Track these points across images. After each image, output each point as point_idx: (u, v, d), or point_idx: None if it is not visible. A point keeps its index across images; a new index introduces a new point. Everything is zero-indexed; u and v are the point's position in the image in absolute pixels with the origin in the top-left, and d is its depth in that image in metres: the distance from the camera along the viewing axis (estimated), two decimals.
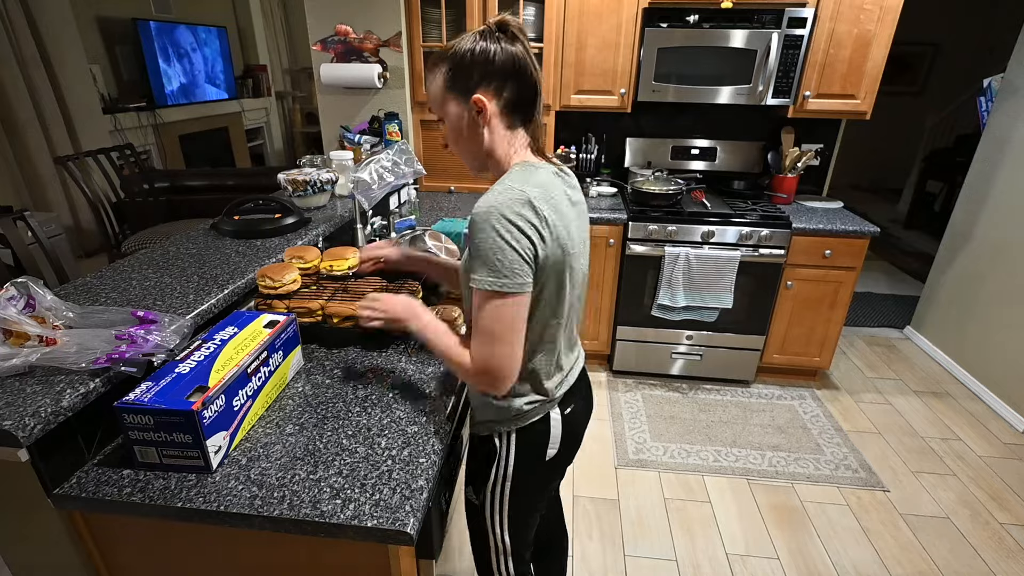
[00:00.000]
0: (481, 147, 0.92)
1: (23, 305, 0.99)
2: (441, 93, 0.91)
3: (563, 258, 0.87)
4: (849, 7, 2.27)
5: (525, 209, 0.81)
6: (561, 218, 0.86)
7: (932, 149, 5.19)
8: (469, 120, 0.90)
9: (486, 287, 0.81)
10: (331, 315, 1.25)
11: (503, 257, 0.80)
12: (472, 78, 0.87)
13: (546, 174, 0.90)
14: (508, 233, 0.80)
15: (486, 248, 0.80)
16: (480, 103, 0.87)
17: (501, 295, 0.81)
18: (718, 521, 1.95)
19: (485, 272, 0.81)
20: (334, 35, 2.40)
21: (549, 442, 1.01)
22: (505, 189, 0.82)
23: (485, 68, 0.86)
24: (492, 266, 0.80)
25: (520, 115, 0.91)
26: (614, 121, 2.85)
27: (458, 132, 0.92)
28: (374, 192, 1.66)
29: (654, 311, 2.53)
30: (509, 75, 0.87)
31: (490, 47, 0.86)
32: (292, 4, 6.47)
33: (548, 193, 0.85)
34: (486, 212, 0.80)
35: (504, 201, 0.80)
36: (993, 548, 1.86)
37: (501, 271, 0.80)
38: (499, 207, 0.80)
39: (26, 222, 2.12)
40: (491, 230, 0.80)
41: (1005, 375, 2.55)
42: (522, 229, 0.80)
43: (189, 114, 5.12)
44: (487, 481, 1.04)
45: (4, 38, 3.45)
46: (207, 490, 0.85)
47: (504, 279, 0.81)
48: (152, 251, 1.51)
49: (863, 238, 2.37)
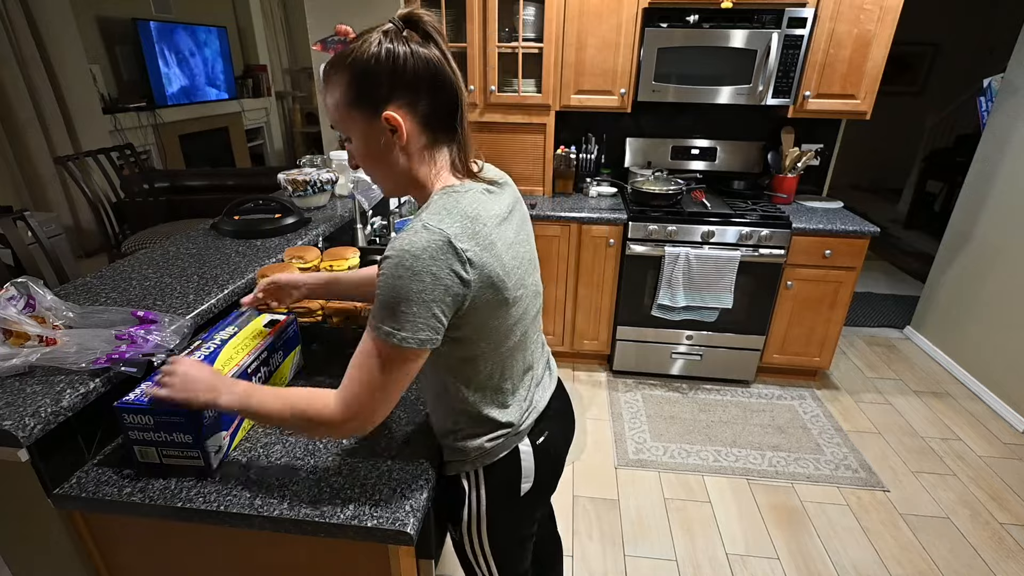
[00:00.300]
0: (398, 171, 0.79)
1: (23, 305, 0.99)
2: (343, 110, 0.75)
3: (495, 296, 0.76)
4: (849, 7, 2.27)
5: (443, 254, 0.69)
6: (490, 251, 0.74)
7: (932, 149, 5.19)
8: (381, 141, 0.76)
9: (382, 336, 0.71)
10: (331, 315, 1.25)
11: (407, 309, 0.69)
12: (380, 90, 0.73)
13: (472, 198, 0.77)
14: (419, 283, 0.69)
15: (391, 295, 0.69)
16: (394, 121, 0.74)
17: (395, 348, 0.71)
18: (718, 521, 1.95)
19: (386, 319, 0.70)
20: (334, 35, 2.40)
21: (522, 477, 0.92)
22: (421, 229, 0.70)
23: (394, 78, 0.72)
24: (394, 315, 0.70)
25: (441, 129, 0.78)
26: (614, 121, 2.85)
27: (370, 154, 0.78)
28: (374, 192, 1.66)
29: (654, 311, 2.53)
30: (424, 84, 0.73)
31: (398, 50, 0.72)
32: (292, 4, 6.47)
33: (473, 226, 0.73)
34: (397, 257, 0.69)
35: (419, 244, 0.69)
36: (993, 548, 1.86)
37: (403, 323, 0.70)
38: (412, 251, 0.68)
39: (26, 222, 2.12)
40: (400, 278, 0.68)
41: (1005, 375, 2.55)
42: (438, 278, 0.69)
43: (189, 114, 5.12)
44: (460, 521, 0.95)
45: (4, 38, 3.45)
46: (207, 490, 0.85)
47: (404, 333, 0.70)
48: (152, 251, 1.51)
49: (863, 238, 2.37)
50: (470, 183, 0.81)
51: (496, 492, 0.92)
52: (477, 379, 0.84)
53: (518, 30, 2.43)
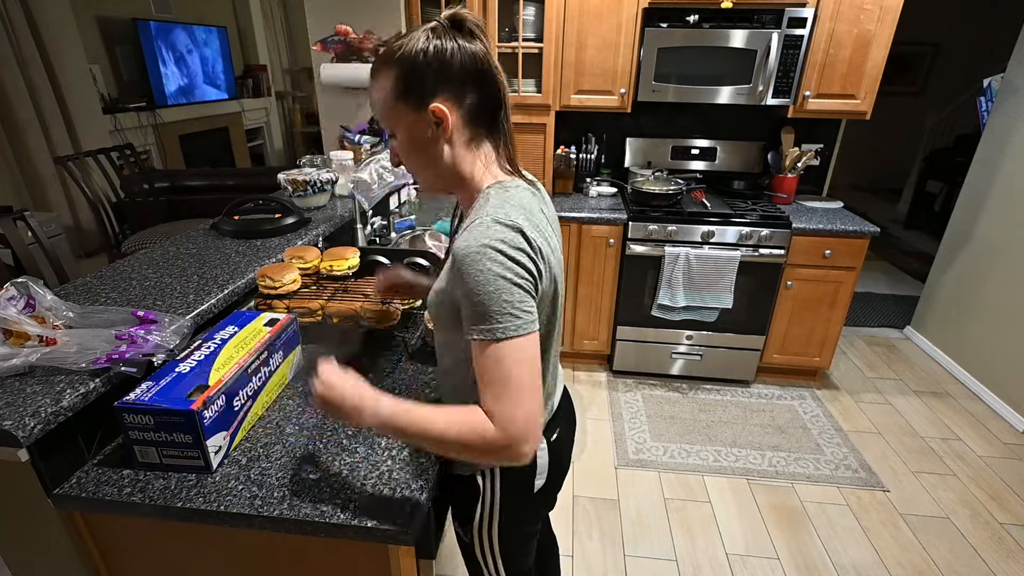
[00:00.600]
0: (442, 165, 0.80)
1: (23, 305, 0.99)
2: (390, 103, 0.77)
3: (554, 289, 0.79)
4: (849, 7, 2.27)
5: (521, 243, 0.71)
6: (549, 244, 0.77)
7: (932, 149, 5.19)
8: (427, 134, 0.77)
9: (503, 335, 0.69)
10: (331, 315, 1.25)
11: (510, 297, 0.69)
12: (427, 84, 0.74)
13: (524, 194, 0.79)
14: (510, 271, 0.69)
15: (489, 291, 0.68)
16: (440, 112, 0.75)
17: (518, 338, 0.69)
18: (718, 521, 1.95)
19: (496, 319, 0.69)
20: (334, 35, 2.40)
21: (536, 474, 0.92)
22: (493, 222, 0.71)
23: (442, 71, 0.74)
24: (500, 309, 0.69)
25: (485, 125, 0.80)
26: (614, 121, 2.85)
27: (414, 148, 0.79)
28: (374, 192, 1.66)
29: (654, 311, 2.53)
30: (470, 79, 0.75)
31: (446, 46, 0.73)
32: (292, 4, 6.47)
33: (534, 219, 0.76)
34: (479, 251, 0.68)
35: (497, 236, 0.69)
36: (993, 548, 1.86)
37: (514, 312, 0.69)
38: (493, 243, 0.69)
39: (26, 222, 2.12)
40: (490, 271, 0.68)
41: (1005, 375, 2.55)
42: (523, 264, 0.70)
43: (189, 114, 5.12)
44: (472, 520, 0.95)
45: (4, 38, 3.45)
46: (207, 490, 0.85)
47: (519, 320, 0.69)
48: (152, 251, 1.51)
49: (863, 238, 2.37)
50: (519, 180, 0.83)
51: (511, 490, 0.92)
52: None
53: (518, 30, 2.43)
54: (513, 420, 0.69)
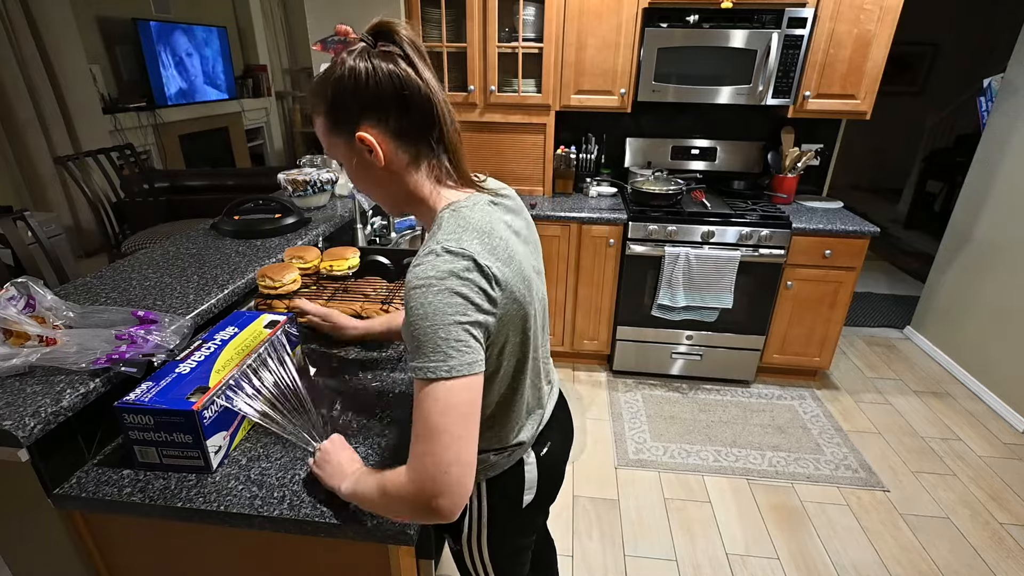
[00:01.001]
0: (390, 189, 0.77)
1: (23, 305, 0.99)
2: (325, 135, 0.75)
3: (520, 311, 0.74)
4: (849, 7, 2.27)
5: (469, 273, 0.66)
6: (511, 265, 0.72)
7: (932, 149, 5.19)
8: (362, 162, 0.74)
9: (430, 375, 0.64)
10: None
11: (447, 335, 0.64)
12: (351, 112, 0.71)
13: (481, 211, 0.75)
14: (450, 307, 0.65)
15: (425, 328, 0.64)
16: (367, 141, 0.71)
17: (447, 380, 0.65)
18: (718, 521, 1.95)
19: (428, 356, 0.65)
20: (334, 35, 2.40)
21: (524, 489, 0.90)
22: (441, 252, 0.67)
23: (359, 96, 0.70)
24: (435, 347, 0.64)
25: (423, 143, 0.74)
26: (614, 121, 2.85)
27: (359, 175, 0.77)
28: None
29: (654, 311, 2.53)
30: (392, 102, 0.70)
31: (359, 67, 0.69)
32: (292, 4, 6.47)
33: (491, 241, 0.71)
34: (423, 286, 0.65)
35: (442, 269, 0.65)
36: (993, 548, 1.86)
37: (447, 352, 0.64)
38: (437, 278, 0.65)
39: (26, 222, 2.12)
40: (431, 305, 0.64)
41: (1005, 375, 2.55)
42: (468, 298, 0.66)
43: (189, 114, 5.12)
44: (461, 532, 0.94)
45: (4, 38, 3.45)
46: (207, 490, 0.85)
47: (452, 361, 0.64)
48: (152, 251, 1.51)
49: (863, 238, 2.37)
50: (475, 195, 0.78)
51: (498, 504, 0.91)
52: (490, 397, 0.81)
53: (518, 30, 2.43)
54: (422, 469, 0.65)
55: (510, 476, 0.90)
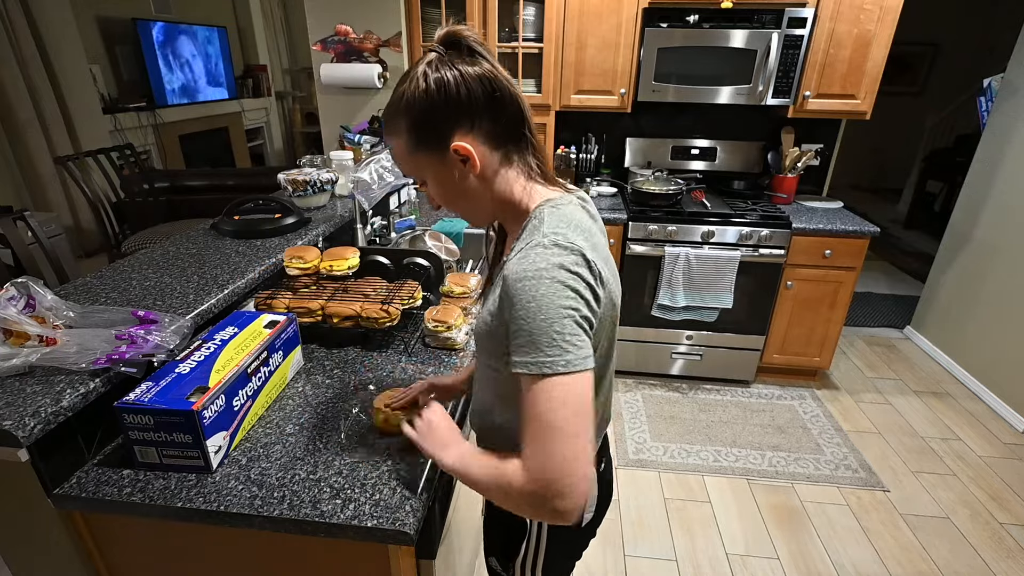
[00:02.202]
0: (482, 199, 0.75)
1: (23, 305, 0.99)
2: (409, 154, 0.72)
3: (613, 312, 0.72)
4: (849, 7, 2.27)
5: (580, 267, 0.64)
6: (608, 266, 0.71)
7: (932, 149, 5.19)
8: (457, 174, 0.72)
9: (546, 370, 0.61)
10: (331, 315, 1.25)
11: (562, 329, 0.62)
12: (440, 124, 0.69)
13: (577, 211, 0.73)
14: (565, 299, 0.62)
15: (539, 321, 0.62)
16: (464, 151, 0.69)
17: (567, 375, 0.62)
18: (718, 521, 1.95)
19: (542, 351, 0.62)
20: (334, 35, 2.40)
21: (586, 508, 0.85)
22: (550, 245, 0.65)
23: (451, 107, 0.67)
24: (551, 341, 0.62)
25: (512, 142, 0.73)
26: (614, 121, 2.85)
27: (449, 191, 0.74)
28: (374, 192, 1.66)
29: (654, 311, 2.53)
30: (483, 104, 0.68)
31: (447, 78, 0.67)
32: (292, 4, 6.47)
33: (592, 238, 0.70)
34: (535, 276, 0.62)
35: (555, 260, 0.63)
36: (993, 548, 1.86)
37: (563, 346, 0.62)
38: (550, 269, 0.63)
39: (26, 222, 2.12)
40: (544, 297, 0.62)
41: (1005, 375, 2.55)
42: (579, 292, 0.63)
43: (189, 114, 5.12)
44: (516, 556, 0.90)
45: (4, 38, 3.45)
46: (207, 490, 0.85)
47: (568, 355, 0.62)
48: (152, 251, 1.51)
49: (863, 238, 2.37)
50: (566, 195, 0.76)
51: (559, 526, 0.86)
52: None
53: (518, 30, 2.43)
54: (543, 469, 0.62)
55: None
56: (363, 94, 2.57)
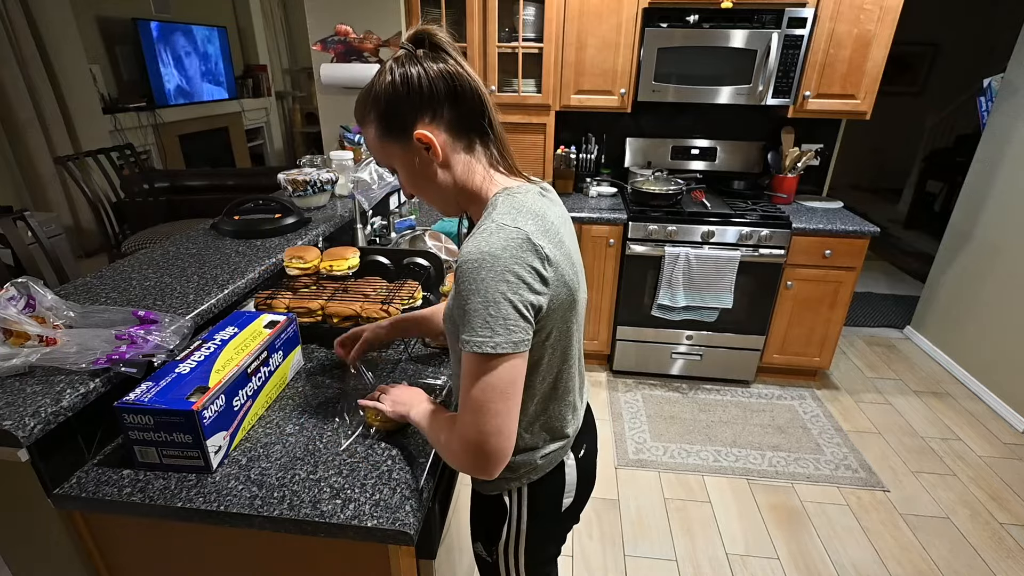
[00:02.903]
0: (446, 186, 0.79)
1: (23, 305, 0.99)
2: (378, 143, 0.78)
3: (569, 296, 0.76)
4: (849, 7, 2.27)
5: (524, 251, 0.68)
6: (561, 249, 0.75)
7: (932, 149, 5.19)
8: (421, 161, 0.77)
9: (475, 349, 0.68)
10: (331, 315, 1.25)
11: (496, 312, 0.67)
12: (405, 115, 0.74)
13: (533, 198, 0.77)
14: (504, 283, 0.67)
15: (477, 303, 0.67)
16: (425, 138, 0.74)
17: (494, 357, 0.68)
18: (718, 521, 1.95)
19: (476, 331, 0.67)
20: (334, 35, 2.40)
21: (565, 491, 0.91)
22: (497, 228, 0.69)
23: (414, 99, 0.73)
24: (484, 323, 0.67)
25: (475, 133, 0.78)
26: (614, 121, 2.85)
27: (414, 178, 0.80)
28: (374, 192, 1.66)
29: (654, 311, 2.53)
30: (444, 97, 0.74)
31: (411, 72, 0.73)
32: (292, 4, 6.47)
33: (544, 223, 0.73)
34: (477, 260, 0.67)
35: (498, 244, 0.67)
36: (993, 548, 1.86)
37: (495, 328, 0.67)
38: (492, 252, 0.67)
39: (26, 222, 2.12)
40: (483, 281, 0.66)
41: (1005, 375, 2.55)
42: (521, 277, 0.67)
43: (189, 114, 5.12)
44: (498, 540, 0.94)
45: (4, 38, 3.45)
46: (207, 490, 0.85)
47: (498, 337, 0.67)
48: (152, 251, 1.51)
49: (863, 238, 2.37)
50: (526, 184, 0.81)
51: (539, 509, 0.91)
52: (539, 387, 0.82)
53: (518, 30, 2.43)
54: (467, 437, 0.71)
55: (551, 479, 0.90)
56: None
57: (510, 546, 0.94)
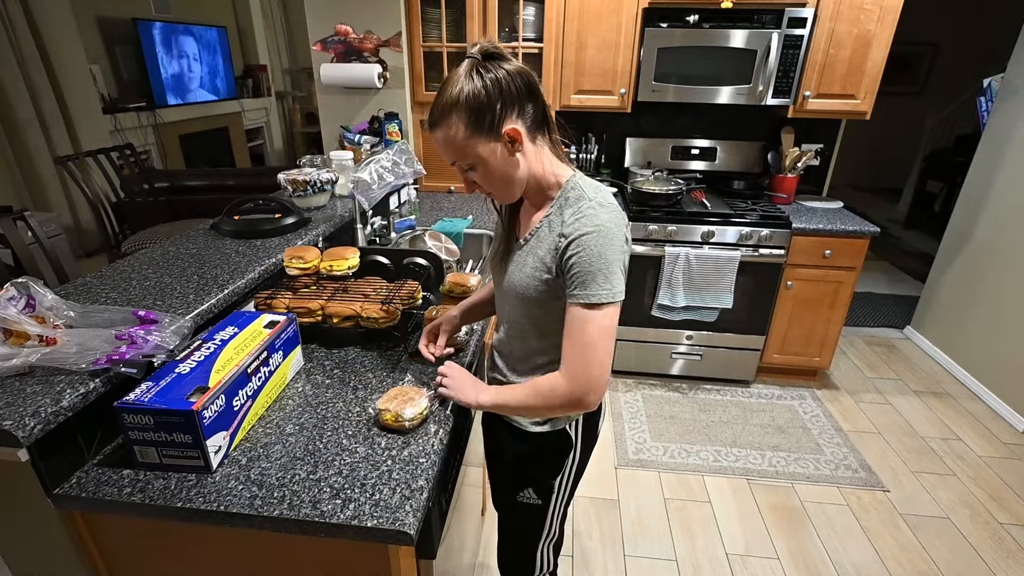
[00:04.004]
0: (521, 175, 0.92)
1: (23, 305, 0.99)
2: (465, 141, 0.87)
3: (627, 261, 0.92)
4: (849, 7, 2.27)
5: (622, 224, 0.87)
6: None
7: (932, 149, 5.19)
8: (505, 154, 0.89)
9: (595, 300, 0.84)
10: (331, 315, 1.25)
11: (614, 270, 0.84)
12: (495, 113, 0.85)
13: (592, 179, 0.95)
14: (616, 250, 0.85)
15: (600, 263, 0.83)
16: (514, 133, 0.86)
17: (607, 305, 0.84)
18: (718, 521, 1.95)
19: (602, 283, 0.84)
20: (334, 35, 2.40)
21: (600, 416, 1.09)
22: (599, 206, 0.87)
23: (503, 98, 0.84)
24: (607, 278, 0.84)
25: (541, 130, 0.92)
26: (614, 121, 2.85)
27: (498, 170, 0.90)
28: (374, 192, 1.66)
29: (654, 311, 2.53)
30: (525, 94, 0.87)
31: (498, 75, 0.84)
32: (292, 4, 6.47)
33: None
34: (598, 231, 0.84)
35: (609, 219, 0.85)
36: (993, 548, 1.86)
37: (614, 282, 0.84)
38: (607, 225, 0.84)
39: (26, 222, 2.12)
40: (604, 247, 0.83)
41: (1005, 375, 2.55)
42: (622, 244, 0.86)
43: (189, 114, 5.12)
44: (558, 474, 1.06)
45: (4, 38, 3.45)
46: (207, 490, 0.85)
47: (617, 288, 0.85)
48: (152, 251, 1.51)
49: (863, 238, 2.37)
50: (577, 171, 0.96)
51: (588, 437, 1.07)
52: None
53: (518, 30, 2.43)
54: (582, 371, 0.87)
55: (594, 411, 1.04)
56: (363, 94, 2.57)
57: (569, 476, 1.08)
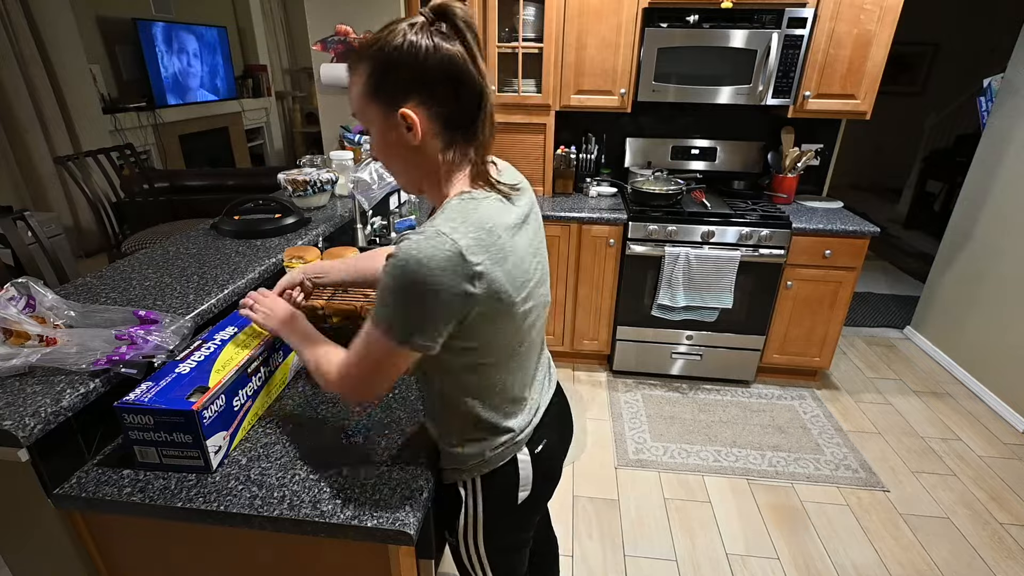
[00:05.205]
0: (413, 168, 0.78)
1: (23, 305, 0.99)
2: (363, 100, 0.74)
3: (501, 308, 0.75)
4: (849, 7, 2.27)
5: (451, 264, 0.67)
6: (502, 265, 0.72)
7: (932, 149, 5.19)
8: (397, 136, 0.74)
9: (382, 330, 0.72)
10: (331, 314, 1.25)
11: (405, 311, 0.71)
12: (399, 84, 0.71)
13: (489, 206, 0.75)
14: (421, 290, 0.68)
15: (392, 295, 0.70)
16: (409, 118, 0.72)
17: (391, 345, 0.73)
18: (718, 521, 1.95)
19: (385, 315, 0.71)
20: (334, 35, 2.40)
21: (519, 485, 0.91)
22: (433, 235, 0.68)
23: (413, 72, 0.70)
24: (394, 313, 0.71)
25: (460, 132, 0.75)
26: (614, 121, 2.85)
27: (385, 147, 0.77)
28: (374, 192, 1.66)
29: (654, 311, 2.53)
30: (445, 83, 0.71)
31: (420, 43, 0.69)
32: (292, 4, 6.47)
33: (489, 237, 0.71)
34: (404, 260, 0.67)
35: (427, 252, 0.67)
36: (993, 548, 1.86)
37: (400, 323, 0.71)
38: (419, 258, 0.66)
39: (26, 222, 2.12)
40: (403, 280, 0.68)
41: (1005, 375, 2.55)
42: (439, 290, 0.68)
43: (189, 114, 5.12)
44: (456, 528, 0.95)
45: (4, 38, 3.45)
46: (207, 490, 0.85)
47: (400, 335, 0.71)
48: (152, 251, 1.51)
49: (863, 238, 2.37)
50: (489, 191, 0.78)
51: (493, 501, 0.91)
52: (478, 388, 0.83)
53: (518, 30, 2.43)
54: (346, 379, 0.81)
55: (503, 473, 0.90)
56: None
57: (468, 535, 0.95)
